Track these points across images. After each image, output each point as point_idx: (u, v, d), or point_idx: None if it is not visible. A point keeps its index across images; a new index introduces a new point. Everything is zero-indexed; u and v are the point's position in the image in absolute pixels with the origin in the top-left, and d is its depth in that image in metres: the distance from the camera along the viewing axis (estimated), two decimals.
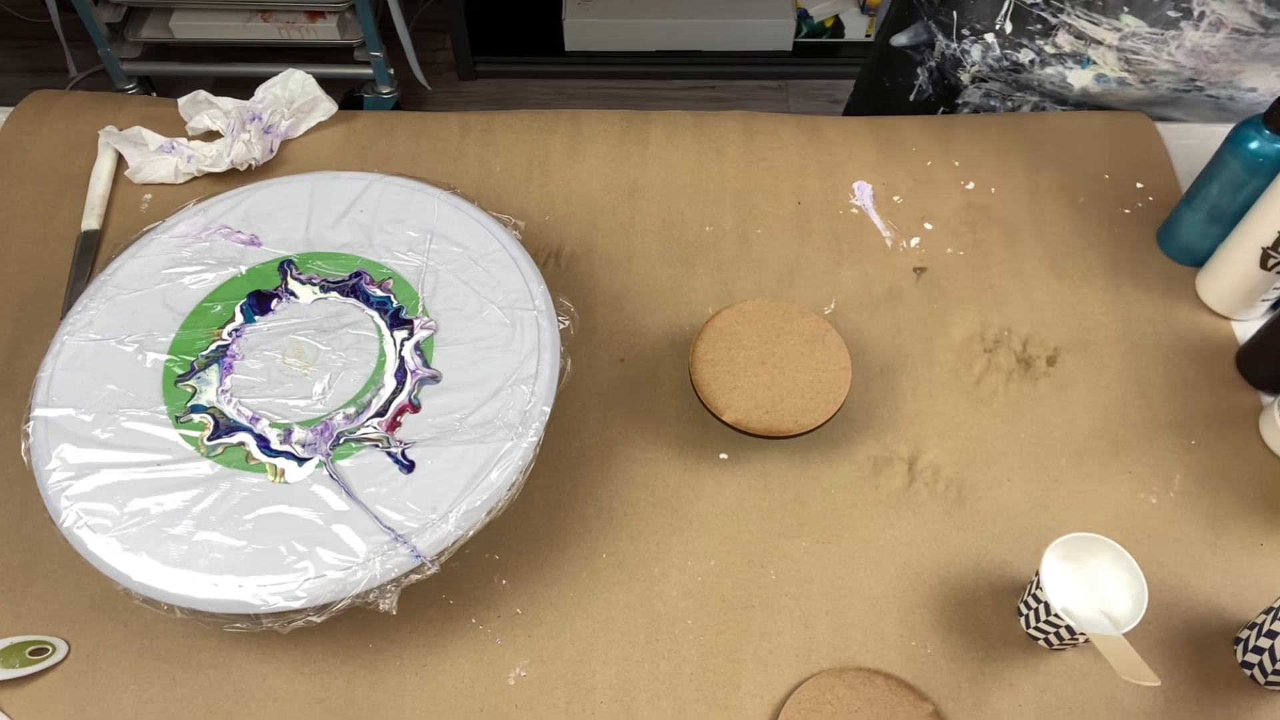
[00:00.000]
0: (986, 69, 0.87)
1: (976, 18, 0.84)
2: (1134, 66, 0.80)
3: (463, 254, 0.69)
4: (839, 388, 0.67)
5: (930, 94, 0.92)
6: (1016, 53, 0.84)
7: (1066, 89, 0.85)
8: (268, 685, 0.60)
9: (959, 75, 0.89)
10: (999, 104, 0.89)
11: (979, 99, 0.89)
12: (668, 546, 0.65)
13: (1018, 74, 0.85)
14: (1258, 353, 0.72)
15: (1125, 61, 0.80)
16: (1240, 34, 0.73)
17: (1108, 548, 0.58)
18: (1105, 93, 0.83)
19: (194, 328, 0.66)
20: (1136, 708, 0.59)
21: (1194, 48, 0.75)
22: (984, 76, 0.88)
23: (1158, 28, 0.75)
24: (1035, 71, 0.85)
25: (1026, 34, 0.83)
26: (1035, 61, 0.84)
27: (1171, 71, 0.79)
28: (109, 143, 0.82)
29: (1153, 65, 0.79)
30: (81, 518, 0.57)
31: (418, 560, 0.57)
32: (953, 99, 0.91)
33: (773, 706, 0.59)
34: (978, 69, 0.87)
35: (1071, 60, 0.79)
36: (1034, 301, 0.76)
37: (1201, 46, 0.74)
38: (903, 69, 0.93)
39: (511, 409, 0.62)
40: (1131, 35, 0.77)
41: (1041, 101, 0.88)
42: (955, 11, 0.85)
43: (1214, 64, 0.76)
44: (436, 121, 0.86)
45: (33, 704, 0.59)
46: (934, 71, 0.91)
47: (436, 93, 2.07)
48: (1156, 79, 0.80)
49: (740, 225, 0.80)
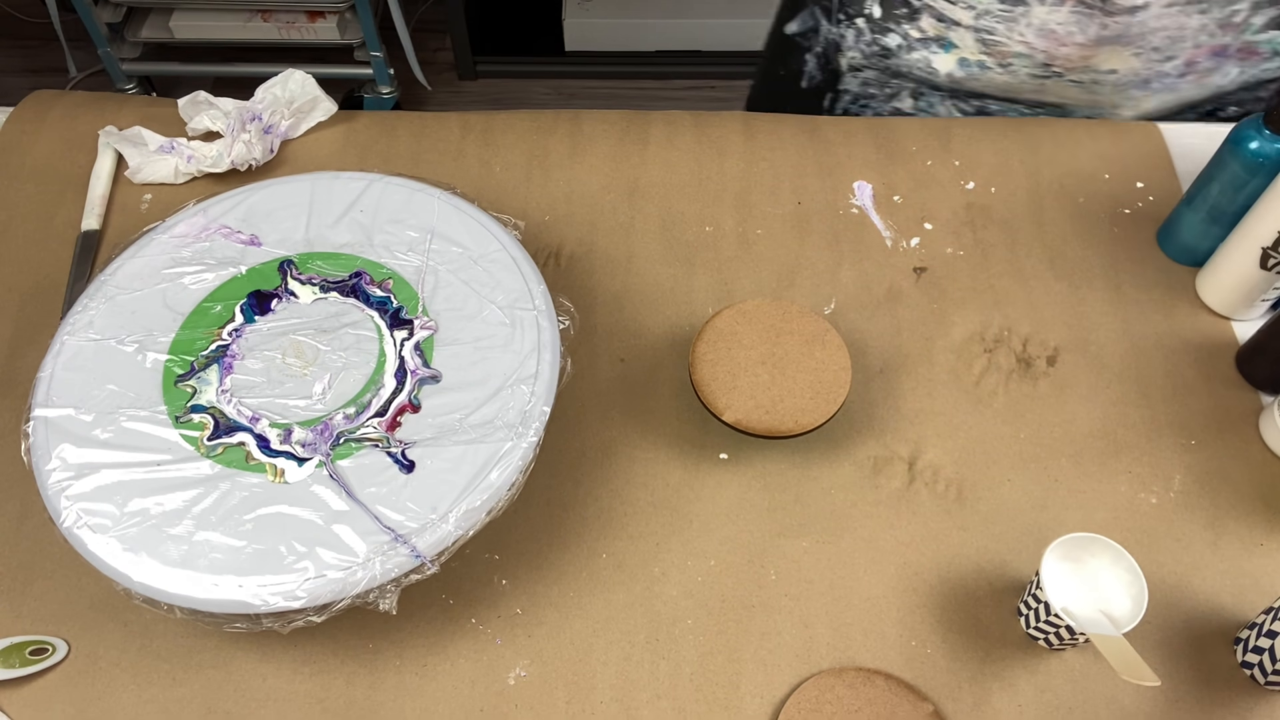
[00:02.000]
0: (860, 55, 0.88)
1: (850, 1, 0.85)
2: (990, 48, 0.81)
3: (463, 254, 0.69)
4: (839, 388, 0.67)
5: (819, 80, 0.93)
6: (885, 37, 0.85)
7: (933, 74, 0.86)
8: (268, 685, 0.60)
9: (839, 60, 0.90)
10: (877, 91, 0.90)
11: (857, 87, 0.90)
12: (668, 546, 0.65)
13: (887, 59, 0.87)
14: (1258, 353, 0.72)
15: (982, 43, 0.81)
16: (1083, 10, 0.74)
17: (1108, 548, 0.58)
18: (969, 78, 0.84)
19: (194, 328, 0.66)
20: (1136, 708, 0.59)
21: (1042, 25, 0.76)
22: (859, 65, 0.89)
23: (1007, 4, 0.76)
24: (903, 56, 0.86)
25: (894, 18, 0.84)
26: (902, 46, 0.85)
27: (1026, 54, 0.80)
28: (109, 143, 0.82)
29: (1007, 46, 0.79)
30: (81, 518, 0.58)
31: (418, 560, 0.57)
32: (835, 85, 0.92)
33: (773, 706, 0.59)
34: (853, 54, 0.88)
35: (935, 44, 0.81)
36: (1034, 301, 0.76)
37: (1049, 25, 0.75)
38: (795, 56, 0.94)
39: (511, 409, 0.62)
40: (985, 14, 0.78)
41: (918, 89, 0.88)
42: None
43: (1064, 47, 0.77)
44: (436, 121, 0.86)
45: (33, 704, 0.59)
46: (820, 57, 0.92)
47: (436, 93, 2.07)
48: (1014, 61, 0.81)
49: (740, 225, 0.80)
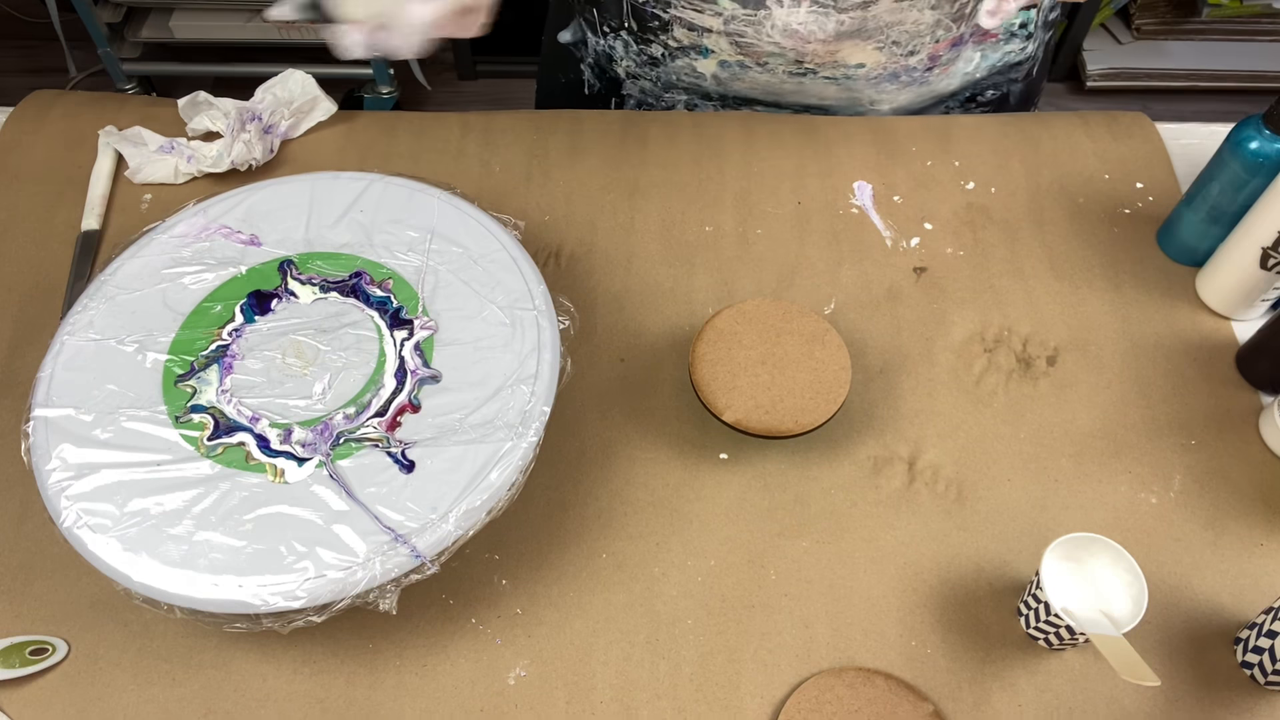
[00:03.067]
0: (633, 64, 0.88)
1: (609, 16, 0.86)
2: (744, 49, 0.81)
3: (463, 254, 0.69)
4: (839, 388, 0.67)
5: (600, 88, 0.94)
6: (649, 47, 0.85)
7: (700, 79, 0.87)
8: (268, 685, 0.60)
9: (615, 69, 0.91)
10: (655, 102, 0.91)
11: (638, 94, 0.91)
12: (668, 546, 0.65)
13: (657, 68, 0.87)
14: (1258, 353, 0.72)
15: (735, 45, 0.81)
16: (819, 9, 0.75)
17: (1108, 548, 0.58)
18: (732, 78, 0.85)
19: (194, 328, 0.66)
20: (1136, 708, 0.59)
21: (785, 26, 0.77)
22: (634, 74, 0.90)
23: (750, 8, 0.77)
24: (669, 64, 0.86)
25: (650, 30, 0.84)
26: (665, 55, 0.85)
27: (778, 53, 0.80)
28: (109, 143, 0.82)
29: (759, 47, 0.80)
30: (81, 518, 0.57)
31: (418, 560, 0.57)
32: (618, 91, 0.93)
33: (773, 706, 0.59)
34: (627, 64, 0.89)
35: (694, 52, 0.81)
36: (1034, 301, 0.76)
37: (791, 25, 0.76)
38: (570, 65, 0.95)
39: (511, 409, 0.62)
40: (731, 18, 0.78)
41: (690, 98, 0.89)
42: (595, 9, 0.87)
43: (809, 44, 0.78)
44: (436, 121, 0.86)
45: (33, 704, 0.59)
46: (594, 67, 0.93)
47: (436, 93, 2.07)
48: (769, 60, 0.81)
49: (740, 225, 0.80)
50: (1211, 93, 2.06)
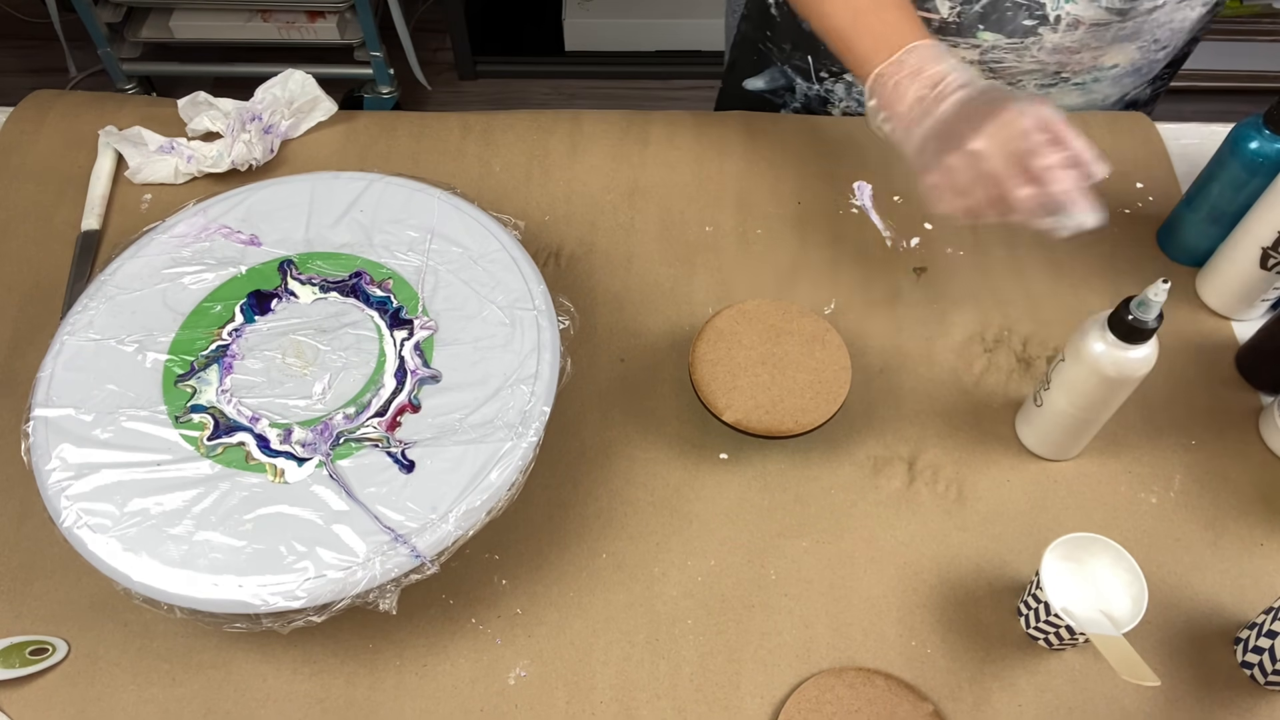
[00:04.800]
0: (855, 104, 0.88)
1: (832, 60, 0.85)
2: (999, 73, 0.81)
3: (463, 254, 0.69)
4: (839, 388, 0.67)
5: None
6: None
7: None
8: (268, 685, 0.60)
9: (829, 111, 0.90)
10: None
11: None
12: (668, 546, 0.65)
13: None
14: (1258, 353, 0.72)
15: (990, 71, 0.81)
16: (1098, 27, 0.74)
17: (1108, 548, 0.58)
18: None
19: (194, 328, 0.66)
20: (1136, 708, 0.59)
21: (1055, 47, 0.76)
22: (854, 113, 0.89)
23: (1016, 38, 0.76)
24: None
25: None
26: None
27: (1036, 70, 0.80)
28: (109, 143, 0.82)
29: (1017, 68, 0.80)
30: (81, 518, 0.57)
31: (418, 560, 0.57)
32: None
33: (773, 706, 0.59)
34: (847, 104, 0.89)
35: None
36: (1034, 301, 0.76)
37: (1063, 44, 0.76)
38: (764, 109, 0.94)
39: (511, 409, 0.62)
40: (992, 49, 0.78)
41: None
42: (810, 56, 0.86)
43: (1076, 55, 0.77)
44: (436, 121, 0.86)
45: (33, 704, 0.59)
46: (800, 111, 0.92)
47: (436, 93, 2.07)
48: (1023, 79, 0.81)
49: (740, 225, 0.80)
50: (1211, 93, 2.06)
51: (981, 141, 0.57)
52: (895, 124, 0.64)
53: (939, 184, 0.60)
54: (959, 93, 0.61)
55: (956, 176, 0.59)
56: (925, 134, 0.62)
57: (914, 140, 0.63)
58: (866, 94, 0.66)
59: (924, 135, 0.62)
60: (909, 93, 0.62)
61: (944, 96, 0.61)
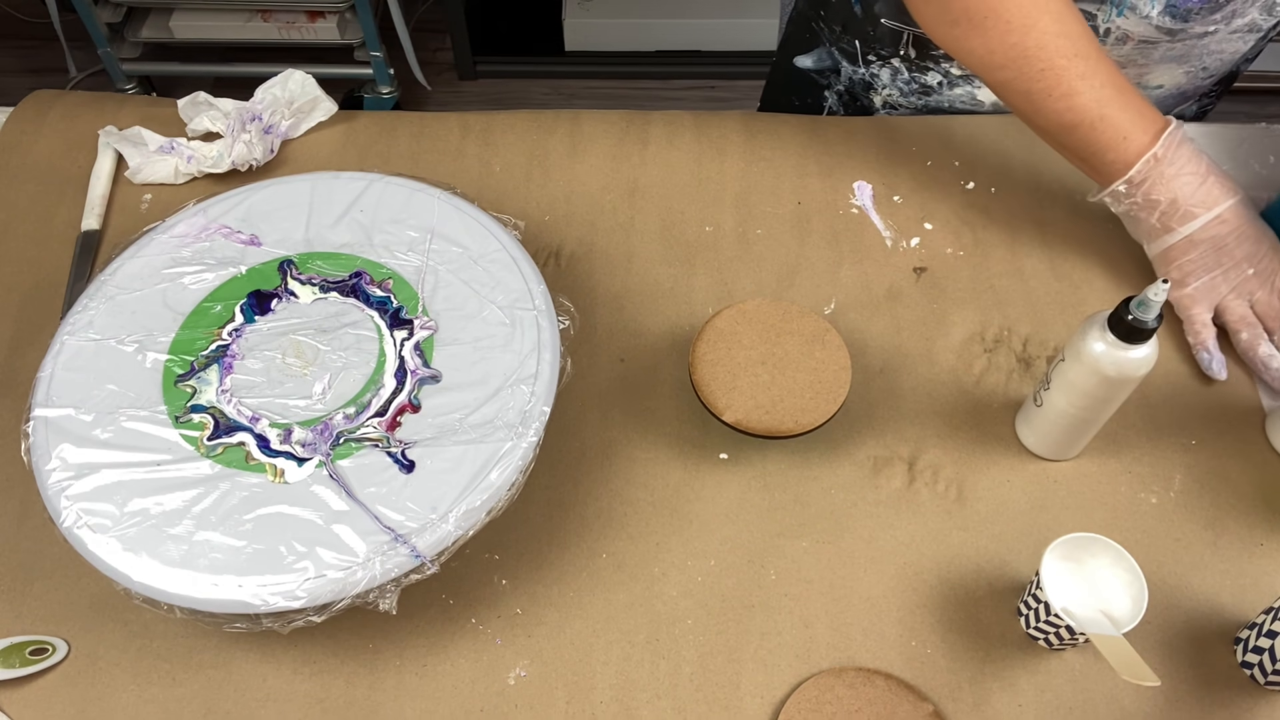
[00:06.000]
0: (897, 93, 0.88)
1: (880, 45, 0.85)
2: None
3: (463, 254, 0.69)
4: (839, 388, 0.67)
5: (842, 114, 0.93)
6: (924, 75, 0.85)
7: (978, 105, 0.87)
8: (268, 685, 0.60)
9: (870, 98, 0.90)
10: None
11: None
12: (668, 546, 0.65)
13: (928, 96, 0.87)
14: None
15: None
16: (1146, 43, 0.74)
17: (1108, 548, 0.58)
18: None
19: (194, 328, 0.66)
20: (1136, 708, 0.59)
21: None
22: (895, 103, 0.89)
23: None
24: (944, 93, 0.86)
25: (931, 58, 0.84)
26: (943, 83, 0.85)
27: None
28: (109, 143, 0.82)
29: None
30: (81, 518, 0.57)
31: (418, 560, 0.57)
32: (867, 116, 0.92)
33: (773, 706, 0.59)
34: (888, 92, 0.89)
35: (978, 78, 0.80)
36: (1034, 301, 0.76)
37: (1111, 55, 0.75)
38: (809, 90, 0.94)
39: (511, 409, 0.62)
40: None
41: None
42: (858, 40, 0.86)
43: (1122, 69, 0.77)
44: (436, 121, 0.86)
45: (33, 704, 0.59)
46: (844, 95, 0.92)
47: (436, 93, 2.07)
48: None
49: (740, 225, 0.80)
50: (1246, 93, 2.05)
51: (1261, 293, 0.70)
52: (1147, 214, 0.69)
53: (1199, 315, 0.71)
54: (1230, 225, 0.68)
55: (1224, 315, 0.71)
56: (1197, 248, 0.69)
57: (1168, 242, 0.70)
58: (1123, 170, 0.68)
59: (1193, 248, 0.69)
60: (1180, 191, 0.68)
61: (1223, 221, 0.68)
